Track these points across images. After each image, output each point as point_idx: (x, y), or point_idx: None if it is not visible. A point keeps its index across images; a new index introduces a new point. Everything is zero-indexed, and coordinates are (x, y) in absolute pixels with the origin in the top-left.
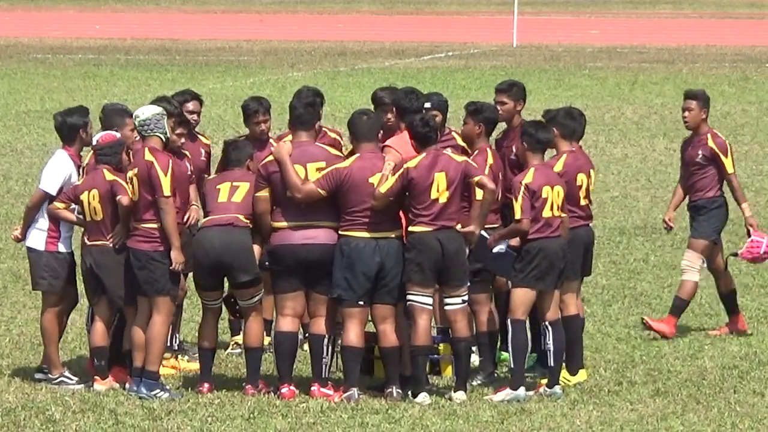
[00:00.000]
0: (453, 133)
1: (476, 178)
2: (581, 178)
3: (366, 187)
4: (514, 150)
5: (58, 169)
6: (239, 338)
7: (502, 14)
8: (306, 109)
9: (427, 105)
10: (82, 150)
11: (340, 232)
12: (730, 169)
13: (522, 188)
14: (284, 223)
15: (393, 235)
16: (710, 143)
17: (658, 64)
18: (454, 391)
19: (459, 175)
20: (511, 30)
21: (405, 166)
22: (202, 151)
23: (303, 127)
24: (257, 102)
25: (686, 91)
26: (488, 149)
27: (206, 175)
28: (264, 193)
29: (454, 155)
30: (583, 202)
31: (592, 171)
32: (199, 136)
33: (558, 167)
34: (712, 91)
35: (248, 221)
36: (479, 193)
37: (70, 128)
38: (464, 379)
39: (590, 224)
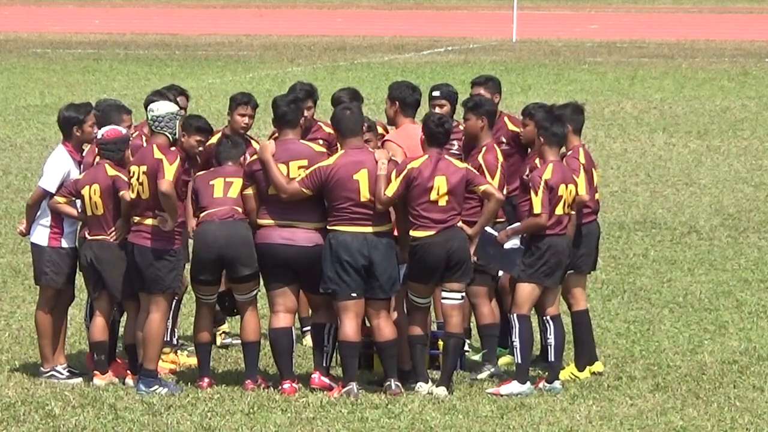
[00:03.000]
0: (460, 126)
1: (482, 188)
2: (593, 171)
3: (351, 184)
4: (504, 140)
5: (56, 166)
6: (225, 327)
7: (502, 9)
8: (289, 107)
9: (436, 93)
10: (81, 145)
11: (328, 227)
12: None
13: (542, 183)
14: (267, 221)
15: (382, 230)
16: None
17: (657, 58)
18: (437, 386)
19: (460, 183)
20: (511, 25)
21: (409, 166)
22: None
23: (288, 125)
24: (246, 96)
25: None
26: (495, 146)
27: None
28: (250, 192)
29: (455, 161)
30: (596, 196)
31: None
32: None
33: (581, 159)
34: (711, 86)
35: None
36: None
37: (64, 122)
38: (449, 374)
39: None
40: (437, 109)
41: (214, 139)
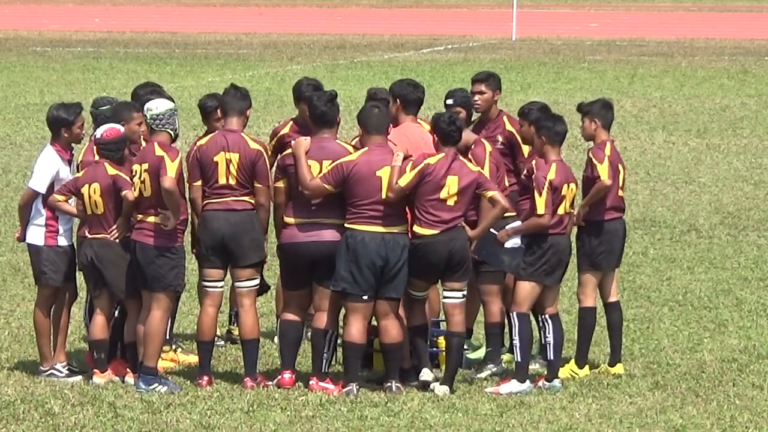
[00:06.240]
0: None
1: (489, 194)
2: (619, 168)
3: (373, 181)
4: (500, 139)
5: (45, 167)
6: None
7: (502, 7)
8: (327, 107)
9: (449, 102)
10: (70, 144)
11: (345, 225)
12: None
13: (546, 184)
14: (293, 220)
15: (399, 231)
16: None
17: (657, 57)
18: (440, 384)
19: (470, 185)
20: (511, 23)
21: (425, 161)
22: None
23: (326, 125)
24: (214, 99)
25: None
26: (483, 140)
27: None
28: (280, 184)
29: (469, 164)
30: (621, 194)
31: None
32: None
33: (607, 152)
34: (711, 84)
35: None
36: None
37: (53, 122)
38: (452, 373)
39: (623, 217)
40: None
41: (203, 141)
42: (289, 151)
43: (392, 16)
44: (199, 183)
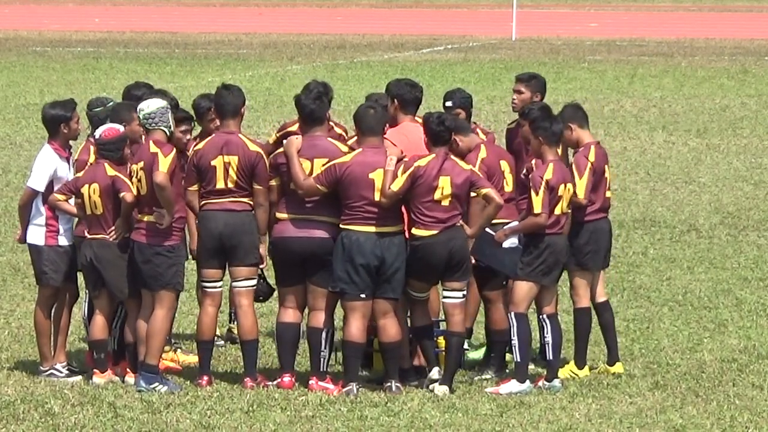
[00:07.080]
0: (478, 129)
1: (483, 191)
2: (606, 169)
3: (366, 182)
4: None
5: (43, 165)
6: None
7: (502, 7)
8: (316, 104)
9: (449, 104)
10: (68, 142)
11: (341, 226)
12: None
13: (543, 183)
14: (285, 215)
15: (394, 230)
16: None
17: (657, 57)
18: (439, 384)
19: (464, 184)
20: (510, 23)
21: (416, 164)
22: None
23: (315, 122)
24: (207, 99)
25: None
26: (483, 146)
27: None
28: (273, 183)
29: (461, 162)
30: (608, 194)
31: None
32: None
33: (591, 157)
34: (711, 84)
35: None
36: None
37: (50, 121)
38: (452, 373)
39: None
40: None
41: (200, 145)
42: (281, 150)
43: (392, 16)
44: (196, 187)
